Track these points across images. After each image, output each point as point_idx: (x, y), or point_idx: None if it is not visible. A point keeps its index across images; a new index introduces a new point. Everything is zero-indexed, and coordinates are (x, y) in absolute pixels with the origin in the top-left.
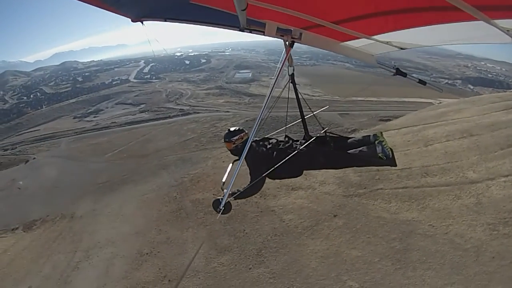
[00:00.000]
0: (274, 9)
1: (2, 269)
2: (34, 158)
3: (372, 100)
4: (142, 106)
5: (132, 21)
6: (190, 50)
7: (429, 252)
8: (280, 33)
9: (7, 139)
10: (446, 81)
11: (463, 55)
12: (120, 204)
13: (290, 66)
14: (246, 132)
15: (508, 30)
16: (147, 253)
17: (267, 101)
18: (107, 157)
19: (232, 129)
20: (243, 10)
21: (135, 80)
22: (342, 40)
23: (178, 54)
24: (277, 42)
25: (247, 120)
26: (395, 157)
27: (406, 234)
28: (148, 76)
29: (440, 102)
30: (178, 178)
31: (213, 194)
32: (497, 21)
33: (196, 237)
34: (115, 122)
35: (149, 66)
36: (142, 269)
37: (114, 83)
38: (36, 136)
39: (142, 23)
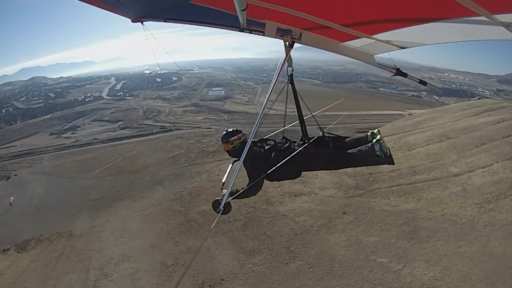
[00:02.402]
0: (274, 8)
1: None
2: (16, 174)
3: (345, 114)
4: (121, 123)
5: (132, 21)
6: (158, 68)
7: (434, 229)
8: (280, 33)
9: None
10: (412, 93)
11: (427, 67)
12: (121, 220)
13: (290, 67)
14: (244, 133)
15: (508, 25)
16: (172, 265)
17: (266, 101)
18: (96, 173)
19: (229, 129)
20: (243, 10)
21: (108, 97)
22: (342, 40)
23: (147, 72)
24: (244, 61)
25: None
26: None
27: (411, 219)
28: (121, 93)
29: (410, 114)
30: (176, 192)
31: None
32: (498, 16)
33: (218, 244)
34: (97, 139)
35: (120, 83)
36: (174, 280)
37: (87, 99)
38: (14, 152)
39: (142, 23)
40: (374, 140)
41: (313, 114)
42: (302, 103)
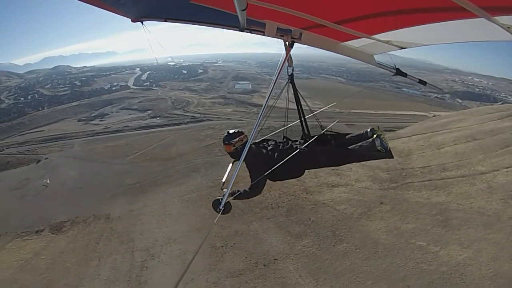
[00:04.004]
0: (274, 8)
1: (42, 274)
2: (46, 158)
3: (371, 113)
4: (149, 112)
5: (132, 21)
6: (182, 60)
7: (464, 219)
8: (280, 33)
9: (9, 138)
10: (435, 95)
11: (450, 69)
12: (160, 205)
13: (290, 67)
14: (246, 134)
15: (508, 27)
16: (221, 246)
17: (266, 101)
18: (130, 159)
19: (231, 131)
20: (243, 10)
21: (134, 87)
22: (342, 40)
23: (171, 63)
24: (268, 56)
25: (261, 129)
26: (392, 151)
27: (442, 210)
28: (147, 83)
29: (434, 115)
30: (213, 179)
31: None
32: (498, 18)
33: (265, 228)
34: (128, 126)
35: (146, 74)
36: (227, 260)
37: (113, 88)
38: (43, 137)
39: (142, 23)
40: (374, 136)
41: (314, 113)
42: (301, 103)
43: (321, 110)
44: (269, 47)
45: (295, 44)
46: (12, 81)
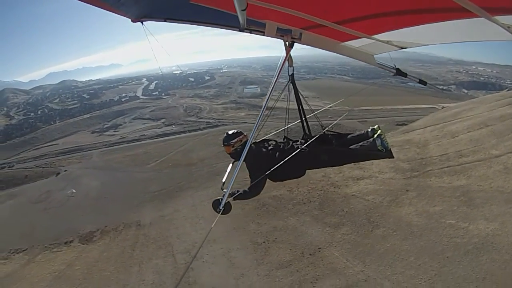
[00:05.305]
0: (274, 8)
1: (80, 284)
2: (65, 170)
3: (381, 108)
4: (163, 120)
5: (132, 21)
6: (187, 68)
7: (486, 198)
8: (280, 33)
9: (24, 152)
10: (442, 86)
11: (454, 60)
12: (191, 209)
13: (290, 67)
14: (245, 134)
15: (508, 27)
16: (263, 242)
17: (266, 101)
18: (151, 167)
19: (230, 132)
20: (243, 10)
21: (144, 97)
22: (342, 40)
23: (177, 71)
24: (271, 59)
25: (277, 130)
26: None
27: (465, 192)
28: (156, 92)
29: (443, 107)
30: (239, 182)
31: (287, 190)
32: (498, 18)
33: (302, 222)
34: (144, 135)
35: (153, 83)
36: (272, 254)
37: (123, 99)
38: (59, 150)
39: (142, 23)
40: (375, 136)
41: (314, 113)
42: (301, 103)
43: (325, 108)
44: (273, 49)
45: (299, 45)
46: (19, 97)
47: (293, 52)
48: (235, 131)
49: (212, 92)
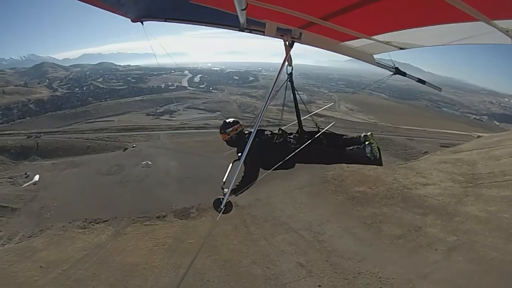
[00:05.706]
0: (274, 9)
1: (209, 257)
2: (134, 146)
3: (424, 130)
4: (218, 113)
5: (132, 21)
6: (223, 66)
7: None
8: (280, 33)
9: (76, 124)
10: (474, 116)
11: (487, 90)
12: (284, 196)
13: (289, 66)
14: (241, 124)
15: (507, 31)
16: (372, 223)
17: (268, 99)
18: (227, 155)
19: (227, 120)
20: (243, 10)
21: (191, 88)
22: (342, 40)
23: (216, 68)
24: (307, 67)
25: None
26: (382, 158)
27: (511, 199)
28: (203, 86)
29: (479, 136)
30: (320, 177)
31: (368, 187)
32: (497, 22)
33: (394, 211)
34: (209, 124)
35: (197, 77)
36: (385, 230)
37: (170, 88)
38: (117, 126)
39: (142, 23)
40: (366, 143)
41: (311, 114)
42: (297, 100)
43: (317, 110)
44: (307, 58)
45: (336, 58)
46: (59, 72)
47: (322, 63)
48: (232, 120)
49: (260, 93)
